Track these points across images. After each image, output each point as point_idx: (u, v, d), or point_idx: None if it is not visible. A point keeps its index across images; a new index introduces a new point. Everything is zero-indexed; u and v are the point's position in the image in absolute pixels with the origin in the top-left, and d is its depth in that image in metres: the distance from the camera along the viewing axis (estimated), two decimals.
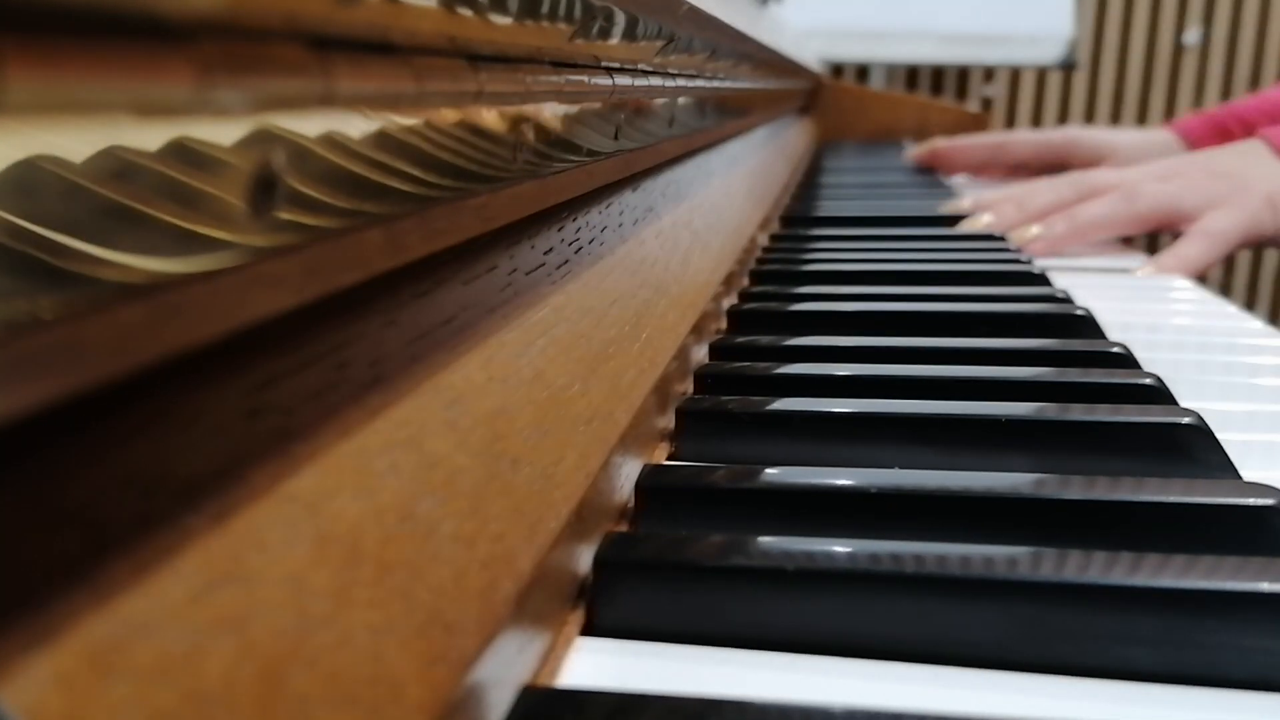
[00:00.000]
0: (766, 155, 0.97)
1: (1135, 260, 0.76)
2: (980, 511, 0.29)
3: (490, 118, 0.25)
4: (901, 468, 0.34)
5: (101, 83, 0.12)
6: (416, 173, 0.21)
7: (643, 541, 0.27)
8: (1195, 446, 0.34)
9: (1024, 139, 1.29)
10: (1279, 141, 0.81)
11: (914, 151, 1.35)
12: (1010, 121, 2.50)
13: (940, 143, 1.33)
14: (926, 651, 0.24)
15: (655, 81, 0.44)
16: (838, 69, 2.33)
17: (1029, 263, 0.67)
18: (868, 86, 2.17)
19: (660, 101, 0.46)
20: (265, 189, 0.15)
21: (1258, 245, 0.80)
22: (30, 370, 0.12)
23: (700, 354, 0.46)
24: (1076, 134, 1.27)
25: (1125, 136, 1.24)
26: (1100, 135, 1.25)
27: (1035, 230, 0.78)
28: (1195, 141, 1.17)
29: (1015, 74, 2.48)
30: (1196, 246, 0.76)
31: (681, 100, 0.51)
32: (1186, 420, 0.35)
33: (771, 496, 0.30)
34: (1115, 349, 0.45)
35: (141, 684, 0.13)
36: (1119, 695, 0.22)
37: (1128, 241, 0.83)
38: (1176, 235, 0.79)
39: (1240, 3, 2.43)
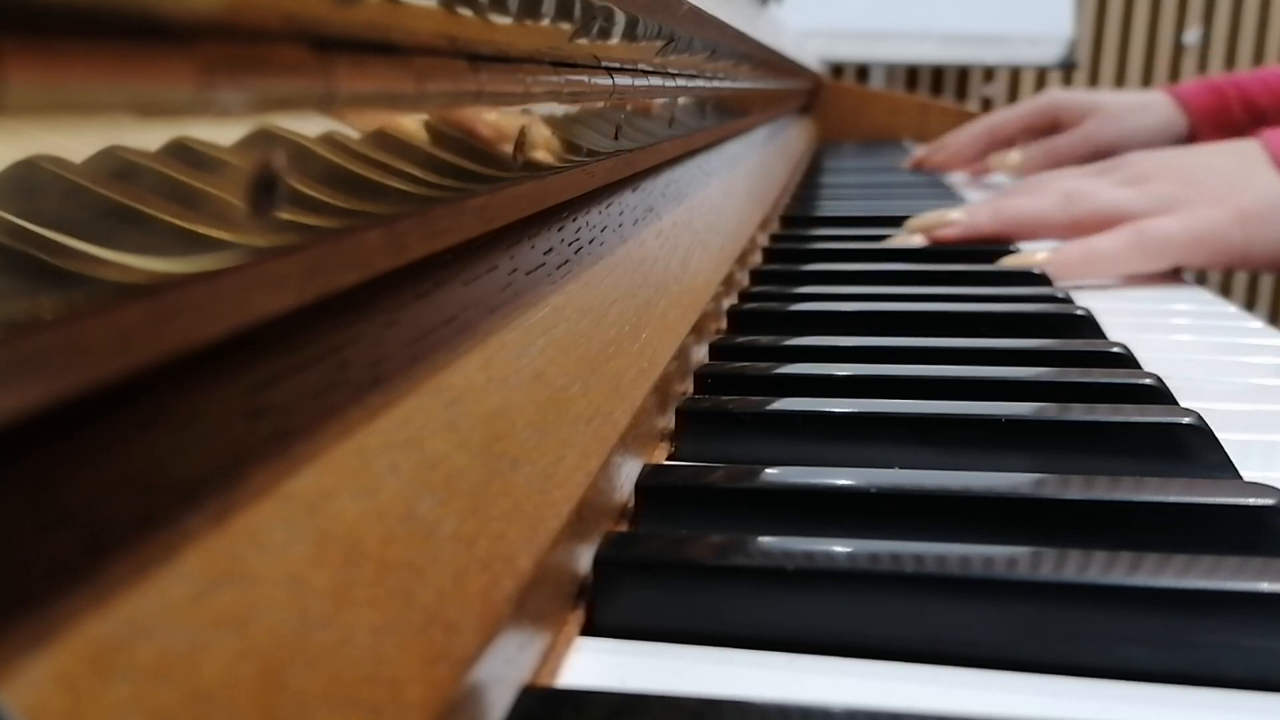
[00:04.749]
0: (766, 155, 0.97)
1: (1186, 289, 0.64)
2: (980, 511, 0.29)
3: (491, 117, 0.25)
4: (901, 468, 0.34)
5: (102, 83, 0.12)
6: (417, 173, 0.21)
7: (643, 541, 0.27)
8: (1195, 446, 0.34)
9: (1009, 115, 1.24)
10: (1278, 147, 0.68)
11: (910, 161, 1.32)
12: None
13: (926, 152, 1.29)
14: (926, 651, 0.24)
15: (655, 81, 0.44)
16: (838, 69, 2.33)
17: None
18: (868, 86, 2.17)
19: (660, 101, 0.46)
20: (266, 189, 0.15)
21: (1230, 268, 0.66)
22: (30, 370, 0.12)
23: (700, 354, 0.46)
24: (1059, 95, 1.22)
25: (1111, 96, 1.17)
26: (1083, 94, 1.20)
27: (955, 215, 0.71)
28: (1192, 107, 1.10)
29: (1015, 74, 2.48)
30: (1113, 239, 0.64)
31: (681, 100, 0.51)
32: (1186, 420, 0.35)
33: (771, 496, 0.30)
34: (1115, 349, 0.45)
35: (141, 684, 0.13)
36: (1119, 695, 0.23)
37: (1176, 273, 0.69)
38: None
39: (1240, 3, 2.43)
